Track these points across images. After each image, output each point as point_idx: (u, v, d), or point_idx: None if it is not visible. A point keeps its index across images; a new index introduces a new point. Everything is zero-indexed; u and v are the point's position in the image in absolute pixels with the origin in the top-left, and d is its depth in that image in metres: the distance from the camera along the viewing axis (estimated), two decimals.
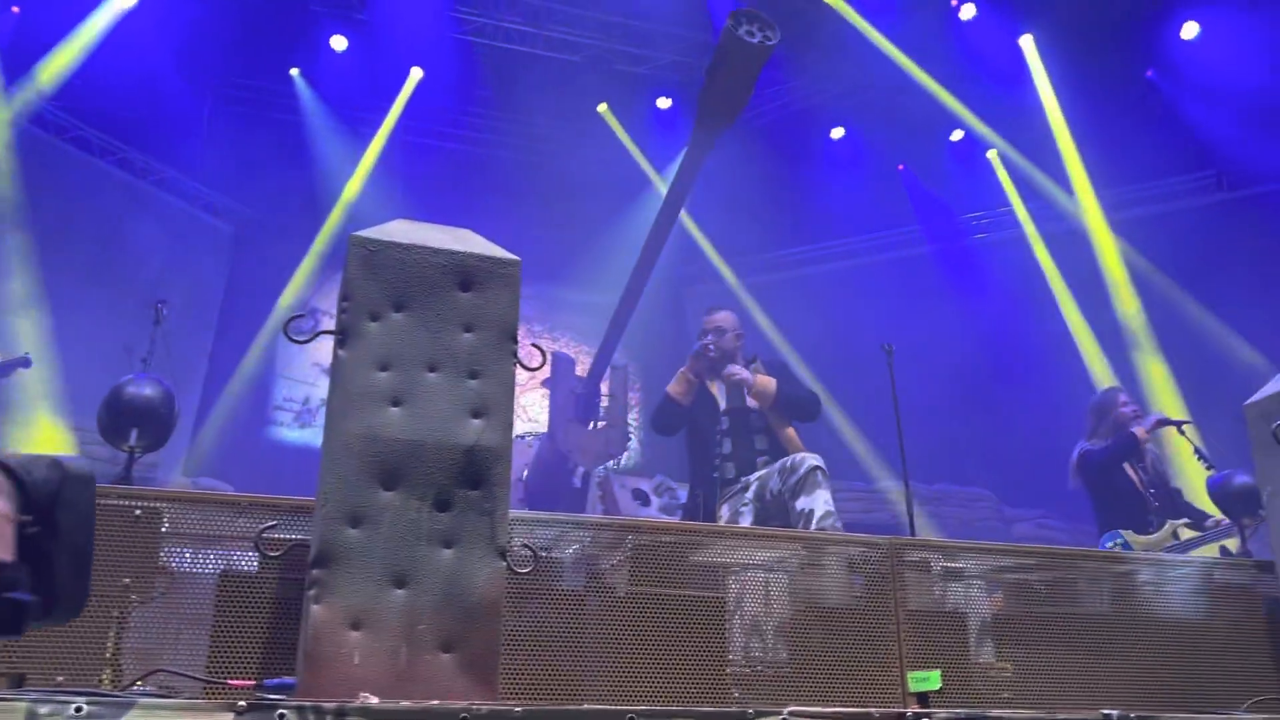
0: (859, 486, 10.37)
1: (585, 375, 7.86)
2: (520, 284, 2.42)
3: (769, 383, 5.01)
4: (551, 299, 13.02)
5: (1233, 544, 4.74)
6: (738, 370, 5.04)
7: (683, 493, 7.90)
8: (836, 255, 12.79)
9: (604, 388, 7.72)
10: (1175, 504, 5.36)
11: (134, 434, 3.55)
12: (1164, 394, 9.27)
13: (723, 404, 5.05)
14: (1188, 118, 10.40)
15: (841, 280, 12.46)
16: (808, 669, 2.75)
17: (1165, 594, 3.19)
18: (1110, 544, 5.14)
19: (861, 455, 10.88)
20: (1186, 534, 5.06)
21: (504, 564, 2.19)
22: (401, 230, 2.39)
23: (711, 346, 5.10)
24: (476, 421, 2.26)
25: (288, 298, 12.15)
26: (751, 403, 5.00)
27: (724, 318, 5.31)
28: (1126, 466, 5.41)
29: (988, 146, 11.56)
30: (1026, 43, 10.70)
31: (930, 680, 2.76)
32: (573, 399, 7.73)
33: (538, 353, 2.52)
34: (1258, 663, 3.10)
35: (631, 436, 10.73)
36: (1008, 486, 10.48)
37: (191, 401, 11.03)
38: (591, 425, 7.52)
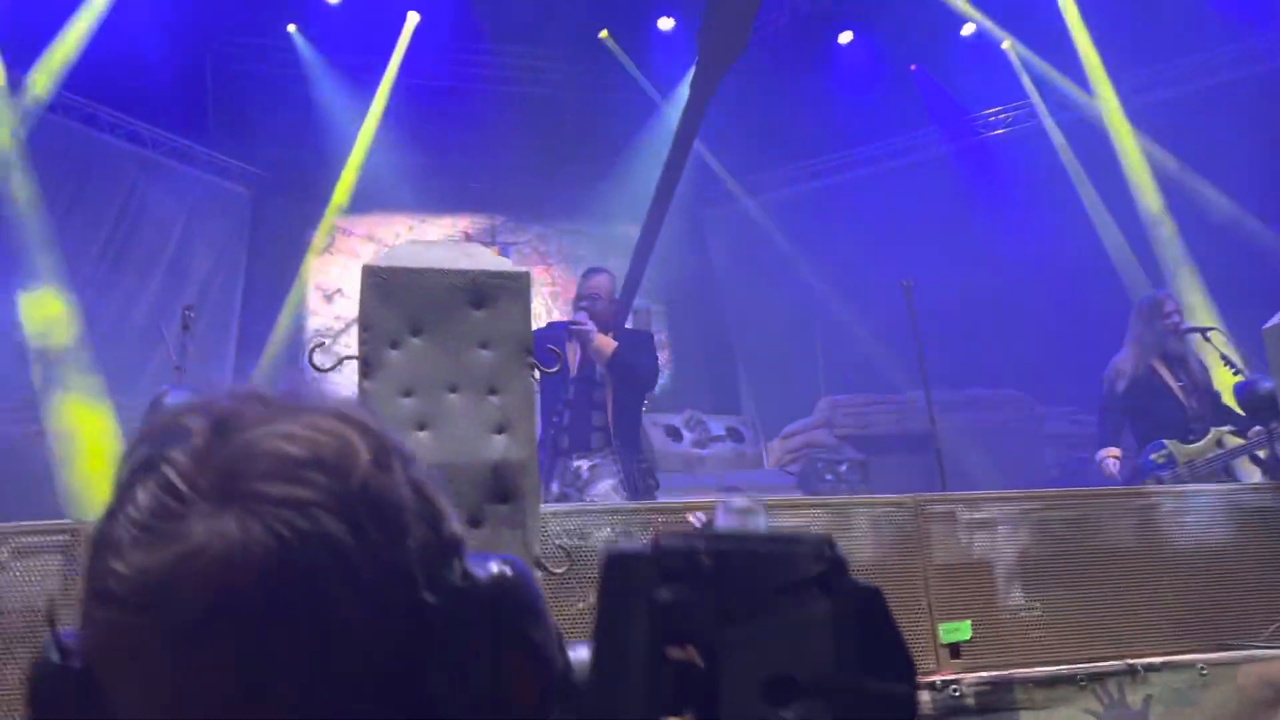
0: (888, 398, 10.40)
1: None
2: (530, 295, 2.47)
3: (608, 343, 4.88)
4: (575, 234, 13.05)
5: (1263, 452, 4.75)
6: (584, 321, 4.89)
7: (713, 424, 8.04)
8: (853, 163, 12.62)
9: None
10: (1217, 410, 5.29)
11: None
12: (1190, 292, 9.17)
13: (573, 371, 4.91)
14: None
15: (860, 188, 12.33)
16: None
17: (1191, 523, 3.26)
18: (1154, 455, 5.12)
19: (886, 367, 10.88)
20: (1232, 441, 5.03)
21: (539, 574, 2.29)
22: (412, 253, 2.45)
23: (581, 325, 4.91)
24: (500, 437, 2.34)
25: (317, 244, 12.25)
26: (599, 368, 4.91)
27: (600, 283, 5.16)
28: (1165, 374, 5.36)
29: (1001, 39, 11.29)
30: None
31: (961, 630, 2.86)
32: None
33: (555, 354, 2.59)
34: None
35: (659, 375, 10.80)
36: (1038, 385, 10.48)
37: (225, 367, 11.24)
38: None
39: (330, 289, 12.42)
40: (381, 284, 2.36)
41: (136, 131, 10.82)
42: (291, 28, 11.39)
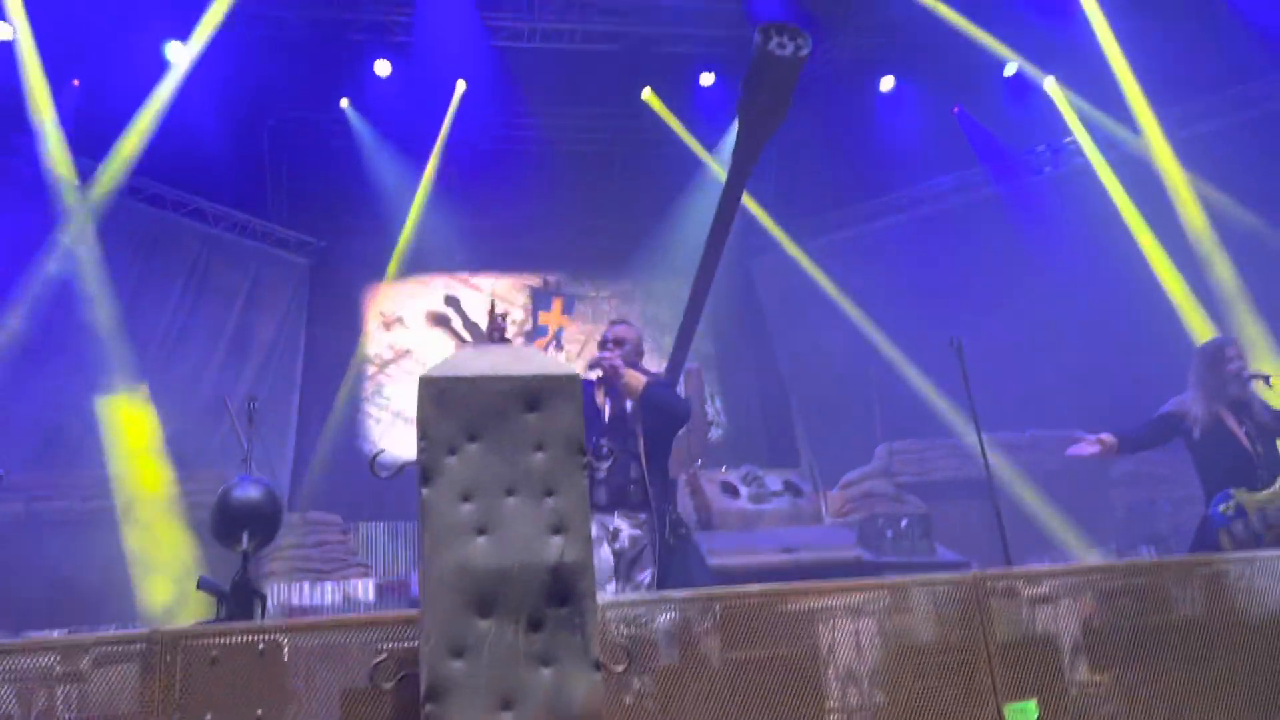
0: (947, 443, 10.29)
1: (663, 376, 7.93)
2: (580, 396, 2.53)
3: (638, 377, 4.60)
4: (626, 291, 13.20)
5: None
6: (609, 356, 4.59)
7: (770, 480, 8.00)
8: (899, 206, 12.63)
9: (681, 390, 7.79)
10: None
11: (245, 537, 3.82)
12: (1249, 327, 8.97)
13: (605, 418, 4.61)
14: (1249, 21, 9.95)
15: (908, 231, 12.32)
16: (905, 713, 2.84)
17: (1263, 589, 3.18)
18: (1222, 506, 5.02)
19: (943, 410, 10.76)
20: None
21: (599, 675, 2.32)
22: (466, 361, 2.52)
23: (608, 358, 4.64)
24: (557, 539, 2.38)
25: (373, 313, 12.59)
26: (628, 404, 4.64)
27: (624, 330, 4.95)
28: (1230, 421, 5.26)
29: (1043, 79, 11.27)
30: None
31: (1027, 711, 2.83)
32: None
33: (605, 449, 2.64)
34: None
35: (715, 427, 10.85)
36: (1102, 426, 10.26)
37: (288, 434, 11.49)
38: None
39: (391, 317, 12.79)
40: (439, 394, 2.43)
41: (199, 209, 11.22)
42: (344, 102, 11.77)
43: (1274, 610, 3.13)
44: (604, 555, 4.21)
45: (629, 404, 4.62)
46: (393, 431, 12.23)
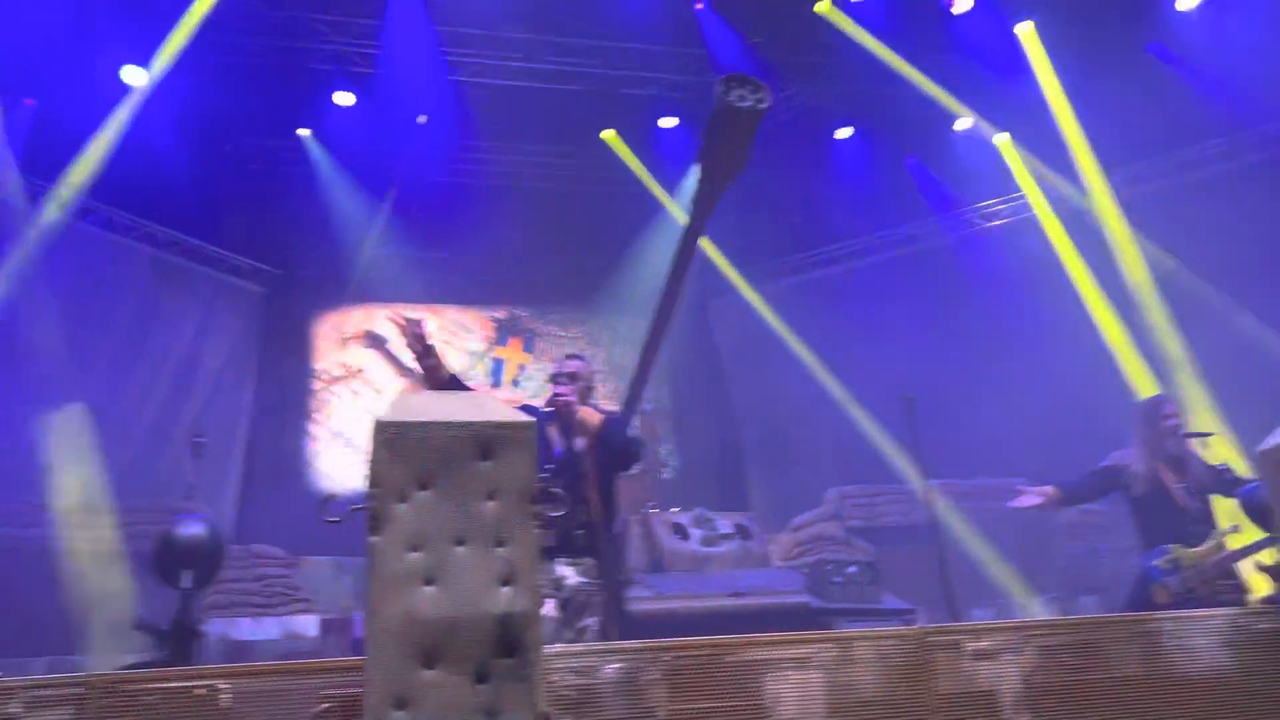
0: (894, 488, 10.40)
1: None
2: (536, 443, 2.53)
3: (594, 413, 4.53)
4: (592, 332, 13.24)
5: (1269, 556, 4.72)
6: (565, 392, 4.51)
7: (721, 522, 8.02)
8: (852, 254, 12.84)
9: (635, 430, 7.82)
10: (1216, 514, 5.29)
11: (187, 576, 3.73)
12: (1189, 385, 9.21)
13: (557, 451, 4.49)
14: (1194, 87, 10.33)
15: (861, 278, 12.51)
16: None
17: (1199, 648, 3.25)
18: (1158, 561, 5.12)
19: (891, 456, 10.89)
20: (1236, 542, 5.00)
21: None
22: (421, 406, 2.51)
23: (564, 395, 4.56)
24: (506, 589, 2.38)
25: (325, 336, 12.49)
26: (579, 442, 4.53)
27: (578, 365, 4.86)
28: (1167, 478, 5.37)
29: (993, 134, 11.57)
30: (1024, 29, 10.68)
31: None
32: None
33: (558, 499, 2.65)
34: None
35: (664, 467, 10.88)
36: (1049, 475, 10.42)
37: (235, 463, 11.29)
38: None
39: (347, 334, 12.72)
40: (391, 440, 2.42)
41: (152, 234, 11.08)
42: (304, 131, 11.72)
43: (1210, 666, 3.20)
44: (547, 610, 4.08)
45: (580, 441, 4.51)
46: (330, 452, 12.10)
